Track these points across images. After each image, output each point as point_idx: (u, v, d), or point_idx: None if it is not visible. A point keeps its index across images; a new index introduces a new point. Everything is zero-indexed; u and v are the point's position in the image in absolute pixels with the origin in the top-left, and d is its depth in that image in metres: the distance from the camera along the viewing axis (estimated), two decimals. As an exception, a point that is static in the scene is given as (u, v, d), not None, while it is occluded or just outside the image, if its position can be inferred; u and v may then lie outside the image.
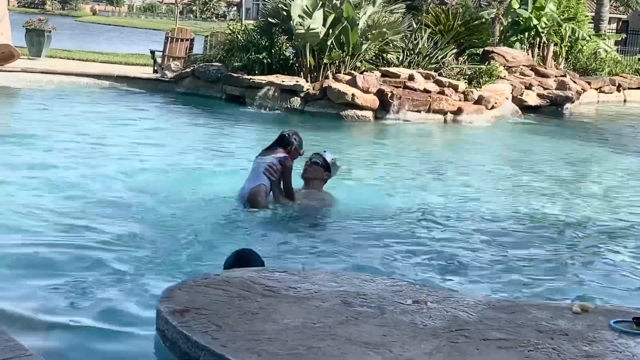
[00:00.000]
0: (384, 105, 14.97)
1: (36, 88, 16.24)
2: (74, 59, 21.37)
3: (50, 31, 20.57)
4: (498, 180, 9.81)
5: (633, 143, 14.83)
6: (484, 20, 19.06)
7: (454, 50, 17.52)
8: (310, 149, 7.65)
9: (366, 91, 14.96)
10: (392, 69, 15.94)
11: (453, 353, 3.46)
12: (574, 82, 20.24)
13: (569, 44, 22.07)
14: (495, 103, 16.26)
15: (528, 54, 20.39)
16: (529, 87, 18.47)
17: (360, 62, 16.06)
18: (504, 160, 11.94)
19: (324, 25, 15.36)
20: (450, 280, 5.31)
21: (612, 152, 13.34)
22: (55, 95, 15.42)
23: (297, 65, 15.96)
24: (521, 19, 20.55)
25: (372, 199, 7.88)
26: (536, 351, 3.52)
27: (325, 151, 7.44)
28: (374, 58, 16.50)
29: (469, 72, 16.75)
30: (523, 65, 19.38)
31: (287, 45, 16.38)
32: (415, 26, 17.57)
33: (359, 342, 3.51)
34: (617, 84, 22.44)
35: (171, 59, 18.97)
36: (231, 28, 17.79)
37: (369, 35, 16.02)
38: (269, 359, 3.30)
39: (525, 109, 17.70)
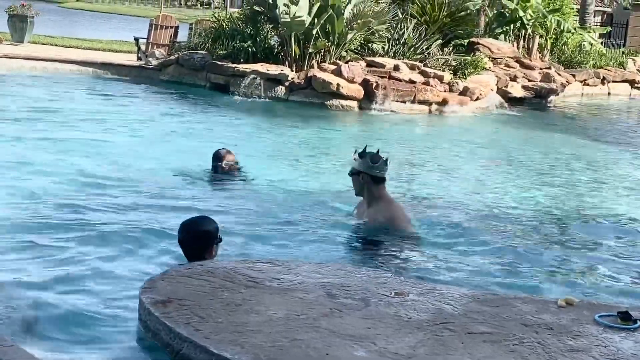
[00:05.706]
0: (368, 95, 14.92)
1: (18, 74, 16.06)
2: (57, 45, 21.11)
3: (33, 17, 20.34)
4: (481, 173, 9.79)
5: (616, 136, 14.86)
6: (469, 11, 19.01)
7: (439, 41, 17.49)
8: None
9: (351, 81, 14.92)
10: (378, 59, 15.90)
11: (437, 347, 3.45)
12: (559, 74, 20.25)
13: (554, 36, 22.05)
14: (480, 94, 16.26)
15: (513, 46, 20.37)
16: (513, 78, 18.46)
17: (346, 51, 16.00)
18: (485, 152, 11.93)
19: (309, 13, 15.29)
20: (435, 272, 5.28)
21: (596, 145, 13.36)
22: (37, 82, 15.26)
23: (282, 54, 15.88)
24: (507, 10, 20.52)
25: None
26: (521, 345, 3.51)
27: (374, 157, 5.97)
28: (359, 48, 16.44)
29: (454, 63, 16.74)
30: (508, 57, 19.37)
31: (273, 33, 16.29)
32: (400, 16, 17.52)
33: (343, 334, 3.49)
34: (601, 77, 22.45)
35: (155, 47, 18.83)
36: (216, 16, 17.68)
37: (355, 25, 15.96)
38: (252, 351, 3.27)
39: (510, 100, 17.68)
